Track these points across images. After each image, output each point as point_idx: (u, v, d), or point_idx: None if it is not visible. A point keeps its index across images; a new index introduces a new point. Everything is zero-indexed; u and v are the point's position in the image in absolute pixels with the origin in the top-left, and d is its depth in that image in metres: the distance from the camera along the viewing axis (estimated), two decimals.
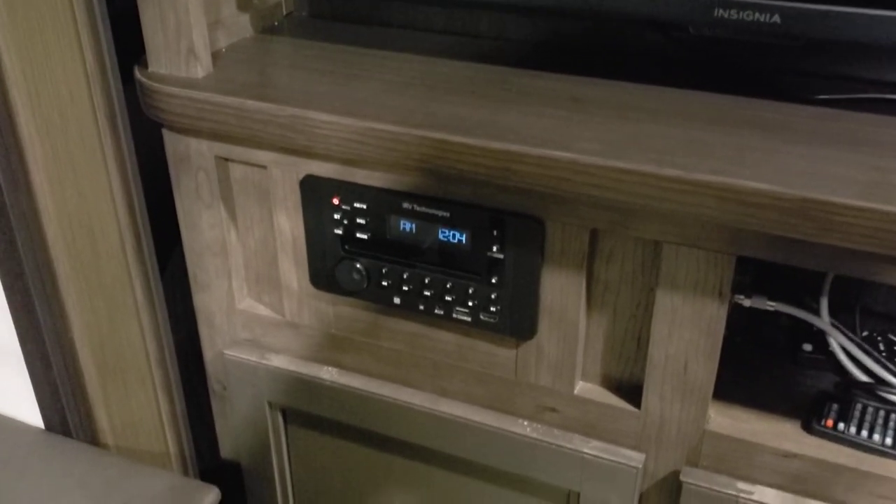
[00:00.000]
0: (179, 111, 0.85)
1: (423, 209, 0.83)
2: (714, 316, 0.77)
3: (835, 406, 0.85)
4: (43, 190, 0.73)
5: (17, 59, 0.70)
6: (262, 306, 1.00)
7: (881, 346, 0.89)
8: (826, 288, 0.88)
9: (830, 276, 0.88)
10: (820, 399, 0.86)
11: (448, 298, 0.87)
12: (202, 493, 0.76)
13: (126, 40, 0.83)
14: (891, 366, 0.86)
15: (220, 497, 0.77)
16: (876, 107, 0.81)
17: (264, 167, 0.89)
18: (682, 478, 0.84)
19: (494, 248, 0.82)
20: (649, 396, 0.84)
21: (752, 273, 0.86)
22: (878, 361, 0.86)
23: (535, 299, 0.83)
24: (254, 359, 1.00)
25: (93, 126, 0.77)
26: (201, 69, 0.86)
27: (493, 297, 0.84)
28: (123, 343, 0.87)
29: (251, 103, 0.82)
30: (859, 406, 0.85)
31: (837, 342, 0.87)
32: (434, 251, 0.85)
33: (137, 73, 0.87)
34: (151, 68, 0.87)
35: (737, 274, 0.77)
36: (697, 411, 0.82)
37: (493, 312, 0.85)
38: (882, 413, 0.83)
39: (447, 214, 0.82)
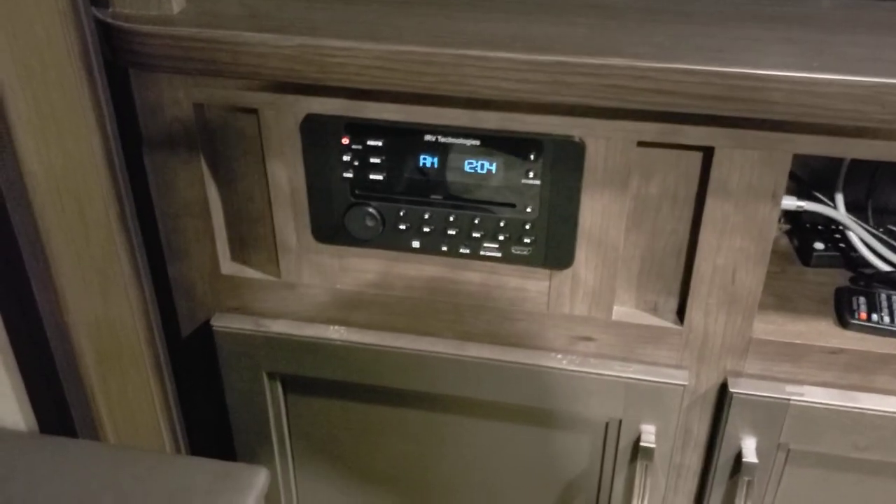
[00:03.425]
0: (161, 52, 0.74)
1: (449, 140, 0.77)
2: (766, 219, 0.75)
3: (861, 299, 0.86)
4: (28, 150, 0.62)
5: None
6: (251, 269, 0.91)
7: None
8: (840, 183, 0.88)
9: (843, 172, 0.88)
10: (844, 295, 0.87)
11: (476, 235, 0.81)
12: (251, 475, 0.68)
13: None
14: None
15: (270, 477, 0.69)
16: None
17: (254, 110, 0.79)
18: (730, 389, 0.83)
19: (530, 175, 0.77)
20: (693, 311, 0.82)
21: None
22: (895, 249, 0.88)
23: (574, 225, 0.79)
24: (248, 328, 0.91)
25: (70, 71, 0.65)
26: (175, 4, 0.75)
27: (527, 227, 0.79)
28: (117, 323, 0.76)
29: (250, 35, 0.72)
30: (883, 296, 0.86)
31: (857, 235, 0.88)
32: (459, 185, 0.79)
33: (97, 14, 0.75)
34: (115, 7, 0.75)
35: None
36: (744, 321, 0.81)
37: (526, 244, 0.80)
38: None
39: (476, 143, 0.76)
